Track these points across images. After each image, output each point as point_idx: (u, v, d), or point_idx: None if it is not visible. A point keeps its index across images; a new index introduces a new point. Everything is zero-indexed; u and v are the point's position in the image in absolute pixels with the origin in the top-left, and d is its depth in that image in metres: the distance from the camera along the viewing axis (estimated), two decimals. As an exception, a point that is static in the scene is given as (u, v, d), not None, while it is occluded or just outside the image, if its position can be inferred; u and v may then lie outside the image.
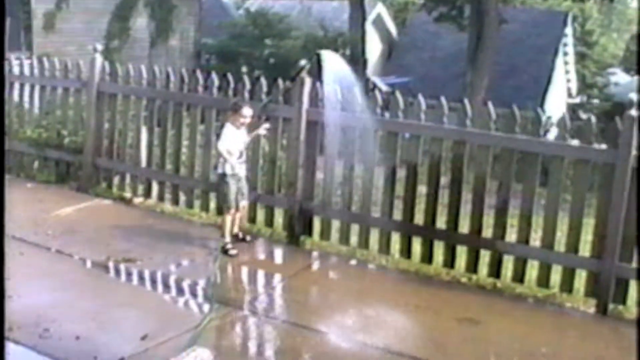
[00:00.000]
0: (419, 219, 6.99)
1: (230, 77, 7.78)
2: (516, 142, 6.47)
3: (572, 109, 33.40)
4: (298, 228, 7.44)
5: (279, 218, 7.68)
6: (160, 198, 8.40)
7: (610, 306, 6.26)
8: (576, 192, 6.34)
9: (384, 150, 7.07)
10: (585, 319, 6.27)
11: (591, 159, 6.30)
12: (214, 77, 7.86)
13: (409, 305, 6.14)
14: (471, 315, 5.99)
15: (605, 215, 6.20)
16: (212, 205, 8.04)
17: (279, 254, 7.40)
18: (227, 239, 6.92)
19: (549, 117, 24.56)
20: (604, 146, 6.28)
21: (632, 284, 6.24)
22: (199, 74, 7.97)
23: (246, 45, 23.70)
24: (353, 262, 7.13)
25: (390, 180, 7.02)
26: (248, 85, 7.66)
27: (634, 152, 6.01)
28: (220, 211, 7.83)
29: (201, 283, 6.18)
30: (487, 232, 6.71)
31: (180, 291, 6.11)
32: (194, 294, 6.04)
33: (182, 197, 8.27)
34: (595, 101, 34.99)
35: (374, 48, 29.94)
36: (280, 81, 7.52)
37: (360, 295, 6.33)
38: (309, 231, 7.49)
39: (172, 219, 8.09)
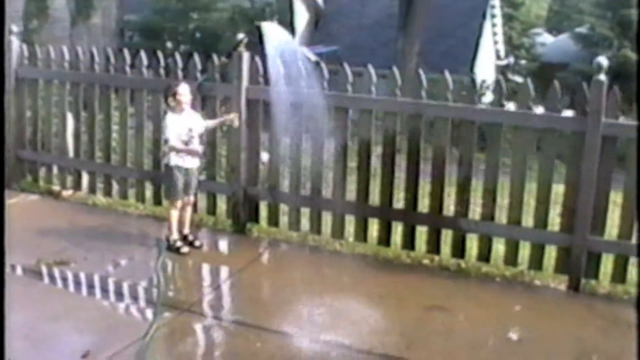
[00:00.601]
0: (375, 199, 6.54)
1: (160, 55, 7.14)
2: (477, 113, 6.04)
3: (501, 71, 33.51)
4: (243, 215, 6.90)
5: (222, 205, 7.13)
6: (92, 190, 7.74)
7: (582, 281, 5.93)
8: (543, 163, 5.96)
9: (334, 128, 6.56)
10: (559, 297, 5.92)
11: (559, 128, 5.92)
12: (143, 55, 7.20)
13: (372, 294, 5.68)
14: (439, 302, 5.58)
15: (576, 187, 5.84)
16: (148, 194, 7.45)
17: (224, 245, 6.86)
18: (175, 235, 6.31)
19: (483, 81, 24.56)
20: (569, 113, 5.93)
21: (604, 258, 5.93)
22: (126, 53, 7.30)
23: (170, 20, 22.69)
24: (305, 249, 6.66)
25: (342, 159, 6.52)
26: (180, 63, 7.04)
27: (603, 119, 5.64)
28: (158, 201, 7.29)
29: (144, 285, 5.60)
30: (449, 210, 6.30)
31: (121, 296, 5.51)
32: (136, 298, 5.45)
33: (115, 188, 7.63)
34: (523, 62, 35.15)
35: (300, 17, 29.31)
36: (215, 57, 6.91)
37: (318, 286, 5.83)
38: (255, 218, 6.96)
39: (106, 212, 7.45)
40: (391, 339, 4.98)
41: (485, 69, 30.12)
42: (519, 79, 33.26)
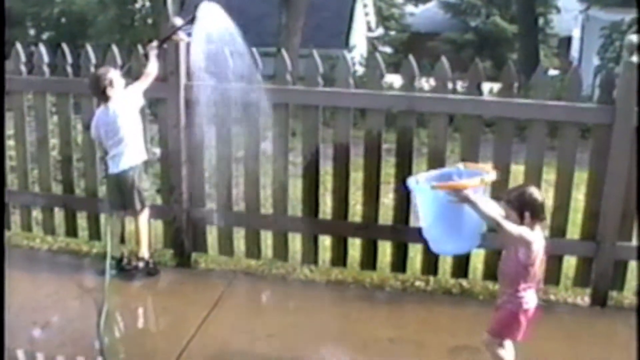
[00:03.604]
0: (355, 215, 5.41)
1: (66, 49, 5.67)
2: (482, 106, 5.01)
3: (372, 43, 33.00)
4: (188, 244, 5.59)
5: (159, 233, 5.77)
6: (-19, 222, 6.18)
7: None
8: (562, 162, 4.99)
9: (298, 129, 5.37)
10: (587, 315, 5.04)
11: (581, 120, 4.95)
12: (42, 50, 5.71)
13: (379, 339, 4.52)
14: (461, 340, 4.50)
15: (600, 188, 4.92)
16: (57, 221, 5.99)
17: (172, 285, 5.38)
18: (147, 253, 5.29)
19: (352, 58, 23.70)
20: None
21: (634, 266, 5.07)
22: (19, 48, 5.76)
23: (33, 5, 20.19)
24: (272, 280, 5.44)
25: (312, 168, 5.32)
26: (93, 58, 5.61)
27: (635, 108, 4.72)
28: (72, 232, 5.88)
29: (85, 354, 4.24)
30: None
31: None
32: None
33: (16, 218, 6.11)
34: (393, 33, 34.76)
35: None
36: (140, 47, 5.51)
37: (311, 335, 4.58)
38: (203, 246, 5.66)
39: (6, 249, 5.89)
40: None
41: (358, 42, 29.50)
42: (389, 50, 32.87)
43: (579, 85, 4.90)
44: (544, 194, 5.00)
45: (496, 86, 5.26)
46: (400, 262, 5.33)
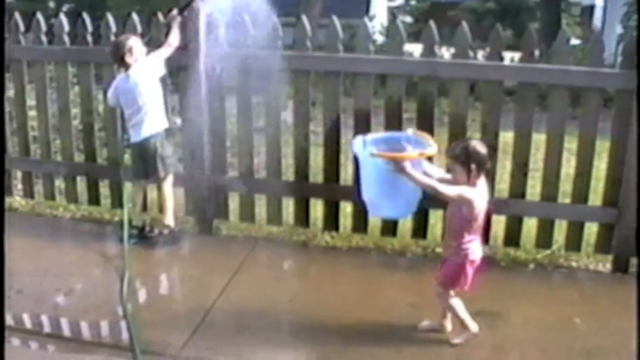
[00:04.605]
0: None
1: (86, 19, 5.67)
2: (504, 71, 4.98)
3: (392, 12, 32.77)
4: (209, 211, 5.63)
5: (181, 200, 5.81)
6: (7, 190, 6.22)
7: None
8: (583, 129, 4.95)
9: (321, 96, 5.36)
10: (609, 281, 5.01)
11: (603, 86, 4.92)
12: (63, 20, 5.72)
13: (400, 303, 4.55)
14: (482, 305, 4.48)
15: (622, 154, 4.88)
16: (80, 190, 6.06)
17: (194, 251, 5.44)
18: (172, 220, 5.40)
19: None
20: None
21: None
22: (40, 17, 5.79)
23: (52, -22, 20.13)
24: (292, 247, 5.47)
25: (333, 135, 5.33)
26: (113, 27, 5.63)
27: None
28: (95, 199, 5.93)
29: (107, 323, 4.29)
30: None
31: (79, 342, 4.17)
32: (99, 342, 4.14)
33: (39, 187, 6.18)
34: (413, 2, 34.49)
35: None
36: (160, 15, 5.52)
37: (330, 299, 4.60)
38: (225, 213, 5.70)
39: (30, 218, 6.01)
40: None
41: (378, 11, 29.32)
42: (409, 19, 32.59)
43: (601, 50, 4.85)
44: (567, 163, 5.08)
45: (517, 55, 5.21)
46: (421, 229, 5.34)
